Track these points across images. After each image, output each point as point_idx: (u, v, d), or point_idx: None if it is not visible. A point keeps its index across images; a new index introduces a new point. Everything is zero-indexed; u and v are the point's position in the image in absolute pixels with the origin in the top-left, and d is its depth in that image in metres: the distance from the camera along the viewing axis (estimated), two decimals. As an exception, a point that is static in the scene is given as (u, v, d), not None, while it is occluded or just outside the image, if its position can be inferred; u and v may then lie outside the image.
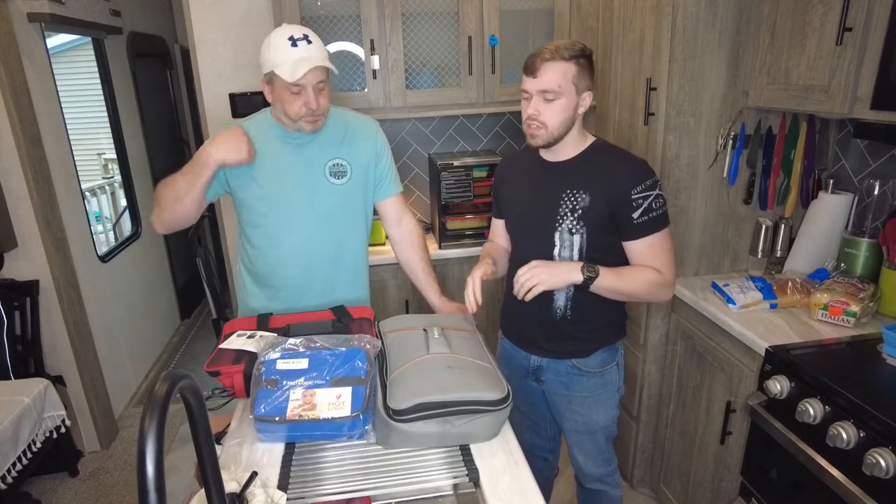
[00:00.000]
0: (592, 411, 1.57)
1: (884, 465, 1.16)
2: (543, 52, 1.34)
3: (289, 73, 1.41)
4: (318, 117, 1.52)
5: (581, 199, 1.40)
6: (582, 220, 1.40)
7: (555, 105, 1.35)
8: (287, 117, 1.51)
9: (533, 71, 1.35)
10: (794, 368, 1.43)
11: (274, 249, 1.63)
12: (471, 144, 2.90)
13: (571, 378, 1.55)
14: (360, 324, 1.49)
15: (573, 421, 1.60)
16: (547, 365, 1.58)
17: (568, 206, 1.42)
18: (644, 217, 1.37)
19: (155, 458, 0.55)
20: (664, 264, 1.41)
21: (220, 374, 1.32)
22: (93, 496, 2.45)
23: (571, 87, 1.34)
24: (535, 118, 1.37)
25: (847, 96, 1.45)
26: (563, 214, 1.42)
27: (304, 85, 1.44)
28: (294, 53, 1.42)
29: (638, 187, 1.36)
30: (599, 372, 1.54)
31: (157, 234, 3.81)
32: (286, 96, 1.46)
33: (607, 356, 1.55)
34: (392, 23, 2.37)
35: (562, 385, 1.57)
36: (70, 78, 3.91)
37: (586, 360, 1.53)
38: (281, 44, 1.43)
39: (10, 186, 2.33)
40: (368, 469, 1.13)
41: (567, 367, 1.55)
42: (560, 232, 1.43)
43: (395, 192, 1.74)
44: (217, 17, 2.55)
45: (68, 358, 2.57)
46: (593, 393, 1.56)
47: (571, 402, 1.58)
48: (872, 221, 1.71)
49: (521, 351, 1.62)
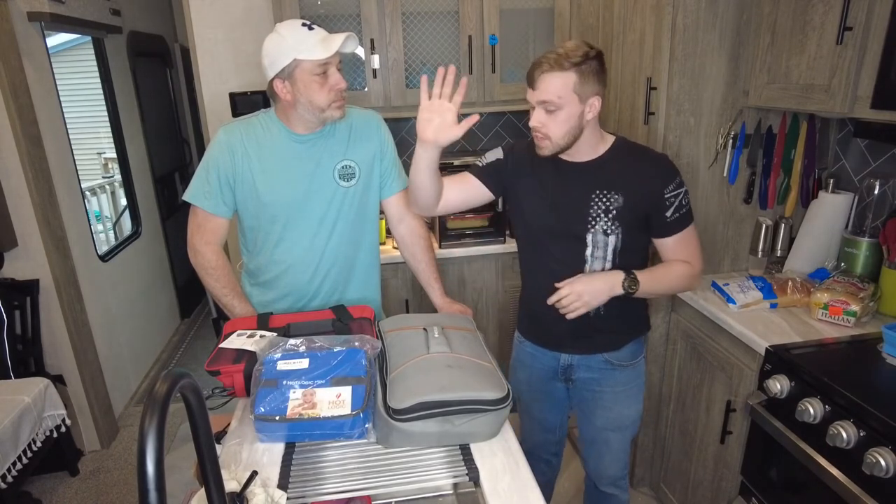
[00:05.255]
0: (624, 406, 1.57)
1: (884, 464, 1.16)
2: (542, 62, 1.29)
3: (322, 50, 1.40)
4: (344, 100, 1.50)
5: (614, 199, 1.38)
6: (617, 221, 1.38)
7: (557, 116, 1.31)
8: (315, 108, 1.47)
9: (532, 82, 1.31)
10: (794, 368, 1.43)
11: (284, 256, 1.60)
12: (471, 144, 2.90)
13: (604, 373, 1.54)
14: (360, 323, 1.48)
15: (603, 418, 1.58)
16: (578, 362, 1.56)
17: (601, 207, 1.39)
18: (676, 214, 1.38)
19: (155, 458, 0.55)
20: (692, 255, 1.45)
21: (220, 374, 1.32)
22: (93, 495, 2.45)
23: (573, 97, 1.29)
24: (538, 129, 1.34)
25: (847, 96, 1.45)
26: (595, 216, 1.39)
27: (330, 63, 1.43)
28: (315, 34, 1.42)
29: (669, 186, 1.36)
30: (631, 364, 1.55)
31: (158, 233, 3.85)
32: (312, 85, 1.43)
33: (637, 348, 1.55)
34: (392, 22, 2.37)
35: (593, 382, 1.56)
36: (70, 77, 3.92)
37: (618, 352, 1.52)
38: (297, 31, 1.42)
39: (10, 186, 2.33)
40: (368, 468, 1.12)
41: (599, 362, 1.54)
42: (593, 233, 1.40)
43: (400, 188, 1.71)
44: (217, 17, 2.55)
45: (68, 357, 2.57)
46: (626, 387, 1.56)
47: (603, 399, 1.57)
48: (873, 221, 1.71)
49: (547, 352, 1.59)
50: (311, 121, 1.51)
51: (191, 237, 1.59)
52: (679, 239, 1.42)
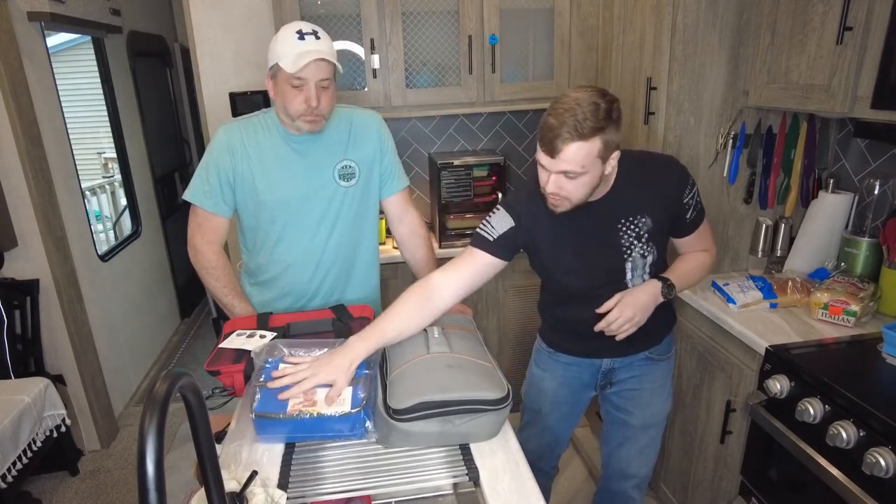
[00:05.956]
0: (660, 401, 1.58)
1: (884, 464, 1.16)
2: (561, 131, 1.16)
3: (291, 64, 1.39)
4: (319, 118, 1.47)
5: (642, 223, 1.35)
6: (651, 242, 1.37)
7: (579, 180, 1.21)
8: (287, 115, 1.47)
9: (551, 150, 1.19)
10: (794, 368, 1.43)
11: (284, 255, 1.60)
12: (471, 144, 2.90)
13: (644, 369, 1.54)
14: (360, 323, 1.48)
15: (640, 416, 1.57)
16: (621, 364, 1.54)
17: (632, 235, 1.36)
18: (693, 213, 1.40)
19: (155, 458, 0.55)
20: (708, 242, 1.49)
21: (220, 374, 1.32)
22: (93, 495, 2.45)
23: (597, 162, 1.20)
24: (556, 194, 1.25)
25: (847, 95, 1.45)
26: (629, 245, 1.36)
27: (306, 79, 1.41)
28: (299, 46, 1.40)
29: (685, 190, 1.36)
30: (668, 357, 1.56)
31: (158, 233, 3.85)
32: (287, 91, 1.43)
33: (671, 339, 1.58)
34: (392, 22, 2.37)
35: (634, 381, 1.55)
36: (70, 77, 3.92)
37: (658, 347, 1.53)
38: (288, 36, 1.42)
39: (10, 185, 2.33)
40: (368, 468, 1.12)
41: (640, 360, 1.53)
42: (632, 260, 1.38)
43: (400, 188, 1.71)
44: (217, 17, 2.55)
45: (68, 357, 2.58)
46: (662, 381, 1.57)
47: (641, 397, 1.56)
48: (873, 221, 1.71)
49: (585, 360, 1.55)
50: (288, 124, 1.51)
51: (191, 237, 1.59)
52: (697, 233, 1.45)
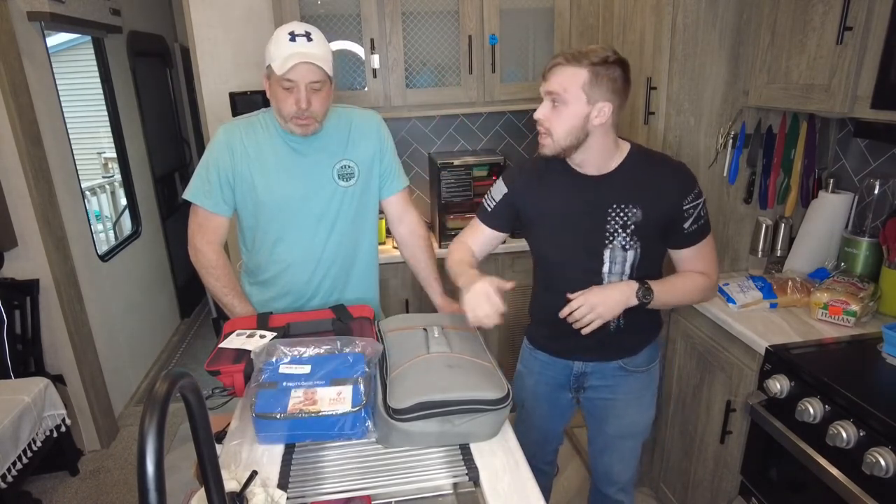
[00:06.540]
0: (637, 413, 1.55)
1: (884, 464, 1.16)
2: (560, 56, 1.27)
3: (279, 66, 1.39)
4: (310, 120, 1.46)
5: (632, 213, 1.33)
6: (635, 236, 1.34)
7: (561, 112, 1.27)
8: (280, 116, 1.48)
9: (545, 73, 1.30)
10: (794, 368, 1.43)
11: (283, 255, 1.60)
12: (471, 143, 2.90)
13: (617, 380, 1.51)
14: (360, 323, 1.48)
15: (615, 426, 1.56)
16: (592, 370, 1.52)
17: (618, 222, 1.34)
18: (694, 226, 1.35)
19: (155, 458, 0.55)
20: (708, 266, 1.41)
21: (220, 374, 1.32)
22: (93, 495, 2.45)
23: (581, 96, 1.24)
24: (541, 123, 1.31)
25: (847, 95, 1.45)
26: (612, 231, 1.35)
27: (295, 81, 1.41)
28: (289, 48, 1.40)
29: (688, 197, 1.32)
30: (646, 370, 1.52)
31: (157, 233, 3.85)
32: (279, 92, 1.44)
33: (652, 353, 1.53)
34: (392, 22, 2.37)
35: (607, 390, 1.53)
36: (70, 77, 3.92)
37: (634, 358, 1.49)
38: (281, 38, 1.42)
39: (10, 185, 2.33)
40: (368, 468, 1.12)
41: (614, 369, 1.50)
42: (611, 249, 1.36)
43: (399, 188, 1.71)
44: (217, 16, 2.55)
45: (68, 357, 2.57)
46: (638, 394, 1.53)
47: (615, 407, 1.54)
48: (873, 221, 1.71)
49: (559, 361, 1.54)
50: (282, 125, 1.51)
51: (191, 236, 1.59)
52: (696, 250, 1.39)
